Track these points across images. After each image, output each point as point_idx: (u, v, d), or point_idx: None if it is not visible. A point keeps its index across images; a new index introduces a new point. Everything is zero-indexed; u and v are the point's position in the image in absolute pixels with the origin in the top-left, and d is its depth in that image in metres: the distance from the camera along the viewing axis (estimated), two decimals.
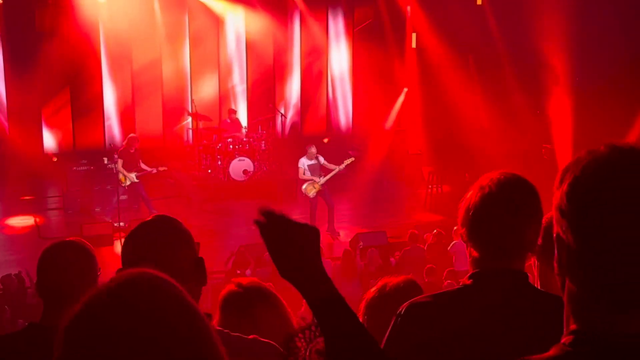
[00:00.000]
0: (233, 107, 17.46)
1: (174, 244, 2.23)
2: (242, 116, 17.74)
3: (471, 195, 2.24)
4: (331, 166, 13.62)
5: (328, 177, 13.58)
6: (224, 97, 18.25)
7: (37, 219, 14.31)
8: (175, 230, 2.27)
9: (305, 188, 13.53)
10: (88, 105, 17.01)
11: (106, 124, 17.33)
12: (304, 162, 13.52)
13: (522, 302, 2.15)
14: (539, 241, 2.23)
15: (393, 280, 3.02)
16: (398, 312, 2.19)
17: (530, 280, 2.25)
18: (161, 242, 2.22)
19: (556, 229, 1.37)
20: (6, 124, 16.60)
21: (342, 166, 13.65)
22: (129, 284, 1.25)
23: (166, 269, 2.08)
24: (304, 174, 13.54)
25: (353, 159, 13.81)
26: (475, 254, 2.23)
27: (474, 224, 2.22)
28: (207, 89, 18.09)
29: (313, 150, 13.53)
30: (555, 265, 1.39)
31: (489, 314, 2.11)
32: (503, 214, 2.18)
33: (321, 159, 13.57)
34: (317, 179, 13.45)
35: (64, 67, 16.47)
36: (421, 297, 2.26)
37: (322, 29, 18.74)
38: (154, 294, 1.24)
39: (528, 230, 2.19)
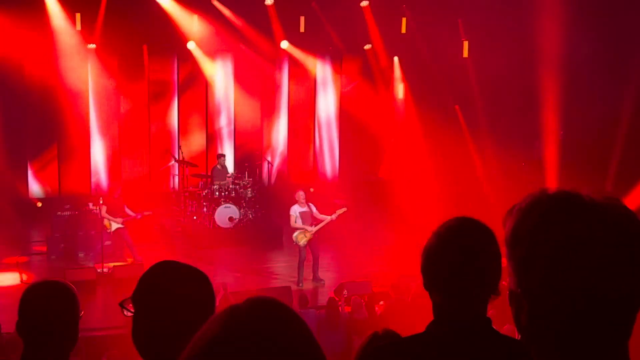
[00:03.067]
0: (221, 152, 17.49)
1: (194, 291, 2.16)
2: (229, 163, 17.77)
3: (427, 242, 2.24)
4: (323, 216, 13.59)
5: (319, 226, 13.54)
6: (211, 143, 18.30)
7: (20, 265, 14.17)
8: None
9: (297, 237, 13.48)
10: (74, 150, 17.03)
11: (92, 169, 17.33)
12: (295, 210, 13.48)
13: (482, 349, 2.11)
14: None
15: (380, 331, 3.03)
16: (362, 354, 2.19)
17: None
18: (181, 288, 2.15)
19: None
20: None
21: (334, 216, 13.63)
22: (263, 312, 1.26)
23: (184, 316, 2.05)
24: (295, 222, 13.48)
25: (345, 209, 13.79)
26: (435, 300, 2.21)
27: (428, 270, 2.22)
28: (195, 139, 18.16)
29: (301, 194, 13.50)
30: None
31: (447, 356, 2.10)
32: (454, 258, 2.16)
33: (313, 209, 13.54)
34: (308, 228, 13.41)
35: (51, 114, 16.52)
36: (385, 342, 2.26)
37: (310, 78, 18.91)
38: (287, 324, 1.27)
39: (484, 273, 2.16)
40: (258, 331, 1.21)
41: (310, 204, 13.54)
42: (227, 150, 18.23)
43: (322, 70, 19.09)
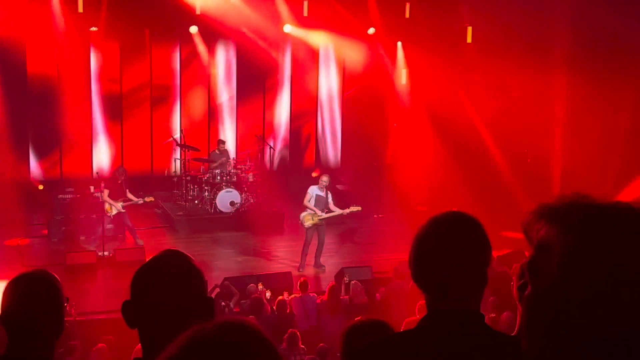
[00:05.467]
0: (222, 137, 17.47)
1: (188, 281, 2.19)
2: (231, 147, 17.77)
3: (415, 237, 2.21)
4: (335, 208, 13.58)
5: (329, 215, 13.52)
6: (213, 127, 18.28)
7: (21, 247, 14.19)
8: (189, 267, 2.23)
9: (304, 217, 13.44)
10: (76, 133, 17.01)
11: (94, 152, 17.32)
12: (313, 190, 13.44)
13: (470, 344, 2.08)
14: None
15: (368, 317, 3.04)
16: (357, 351, 2.18)
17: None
18: (175, 278, 2.18)
19: None
20: None
21: (347, 211, 13.61)
22: (229, 333, 1.25)
23: (178, 306, 2.09)
24: (309, 201, 13.45)
25: (360, 208, 13.76)
26: (425, 294, 2.19)
27: (414, 265, 2.19)
28: (196, 123, 18.13)
29: (325, 179, 13.44)
30: None
31: (440, 356, 2.07)
32: (434, 251, 2.14)
33: (329, 198, 13.51)
34: (318, 212, 13.40)
35: (53, 97, 16.50)
36: (379, 337, 2.24)
37: (312, 62, 18.85)
38: (253, 346, 1.25)
39: (466, 265, 2.13)
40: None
41: (329, 192, 13.52)
42: (229, 134, 18.21)
43: (324, 55, 19.01)
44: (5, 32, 15.67)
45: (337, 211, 13.50)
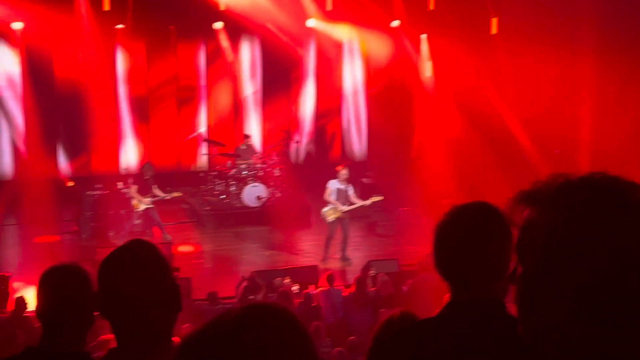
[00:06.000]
0: (247, 132, 17.53)
1: (151, 268, 2.23)
2: (257, 142, 17.83)
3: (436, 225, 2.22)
4: (357, 200, 13.59)
5: (351, 207, 13.55)
6: (238, 122, 18.34)
7: (52, 244, 14.37)
8: (152, 254, 2.27)
9: (326, 212, 13.48)
10: (104, 130, 17.15)
11: (121, 149, 17.47)
12: (333, 184, 13.48)
13: (489, 334, 2.07)
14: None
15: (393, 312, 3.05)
16: (382, 340, 2.20)
17: None
18: (140, 267, 2.22)
19: None
20: (23, 148, 16.76)
21: (368, 202, 13.63)
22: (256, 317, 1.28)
23: (142, 292, 2.14)
24: (330, 195, 13.48)
25: (382, 197, 13.77)
26: (448, 284, 2.21)
27: (436, 254, 2.21)
28: (222, 117, 18.21)
29: (344, 172, 13.48)
30: None
31: (460, 345, 2.07)
32: (455, 242, 2.16)
33: (350, 190, 13.53)
34: (340, 206, 13.41)
35: (82, 94, 16.65)
36: (402, 327, 2.26)
37: (337, 56, 18.81)
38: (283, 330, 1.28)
39: (485, 256, 2.13)
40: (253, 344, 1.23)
41: (350, 185, 13.53)
42: (255, 129, 18.26)
43: (349, 49, 18.97)
44: (32, 33, 15.86)
45: (359, 202, 13.52)
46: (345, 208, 13.44)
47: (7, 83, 16.58)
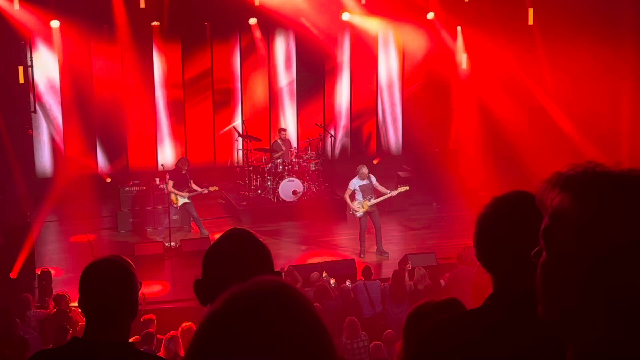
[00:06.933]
0: (283, 126, 17.57)
1: (256, 257, 2.37)
2: (292, 137, 17.88)
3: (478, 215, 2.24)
4: (383, 189, 13.56)
5: (378, 200, 13.54)
6: (274, 117, 18.39)
7: (91, 240, 14.57)
8: (256, 243, 2.39)
9: (354, 207, 13.51)
10: (141, 125, 17.32)
11: (159, 144, 17.63)
12: (354, 184, 13.48)
13: (534, 327, 2.02)
14: None
15: (435, 299, 3.04)
16: (424, 330, 2.20)
17: None
18: (243, 254, 2.35)
19: None
20: (62, 144, 17.01)
21: (395, 193, 13.60)
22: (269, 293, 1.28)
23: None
24: (349, 195, 13.49)
25: (408, 187, 13.74)
26: (490, 274, 2.21)
27: (478, 246, 2.22)
28: (258, 113, 18.27)
29: (364, 170, 13.47)
30: None
31: (500, 335, 2.08)
32: (497, 231, 2.16)
33: (373, 179, 13.51)
34: (366, 201, 13.40)
35: (119, 91, 16.84)
36: (445, 316, 2.26)
37: (371, 49, 18.76)
38: (293, 307, 1.27)
39: (530, 248, 2.13)
40: (258, 318, 1.23)
41: (371, 175, 13.51)
42: (290, 125, 18.30)
43: (384, 41, 18.90)
44: (69, 31, 16.06)
45: (386, 194, 13.50)
46: (373, 201, 13.43)
47: (46, 82, 16.81)
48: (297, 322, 1.24)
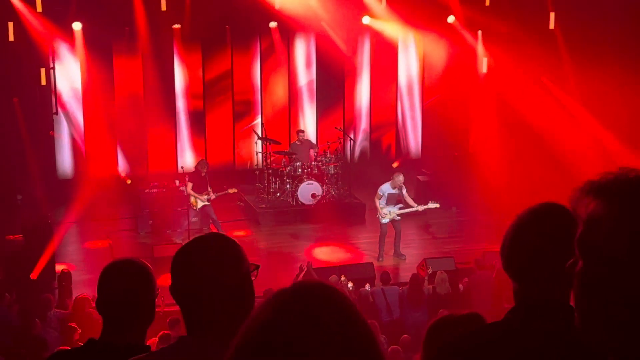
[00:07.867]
0: (302, 127, 17.57)
1: (222, 259, 2.35)
2: (312, 139, 17.88)
3: (509, 225, 2.23)
4: (411, 202, 13.56)
5: (406, 211, 13.56)
6: (294, 120, 18.40)
7: (111, 241, 14.66)
8: (223, 244, 2.38)
9: (382, 213, 13.48)
10: (161, 128, 17.40)
11: (178, 146, 17.70)
12: (384, 190, 13.48)
13: (559, 341, 2.05)
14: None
15: (455, 311, 3.03)
16: (445, 342, 2.18)
17: None
18: (211, 257, 2.32)
19: None
20: (83, 146, 17.12)
21: (422, 208, 13.61)
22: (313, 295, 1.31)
23: (215, 283, 2.19)
24: (380, 200, 13.47)
25: (438, 205, 13.70)
26: (514, 284, 2.20)
27: (505, 253, 2.21)
28: (277, 115, 18.30)
29: (400, 178, 13.47)
30: None
31: (532, 351, 2.06)
32: (529, 241, 2.15)
33: (404, 190, 13.52)
34: (395, 210, 13.42)
35: (139, 93, 16.94)
36: (470, 330, 2.25)
37: (392, 53, 18.73)
38: (336, 307, 1.31)
39: (561, 261, 2.11)
40: (306, 313, 1.25)
41: (402, 185, 13.51)
42: (310, 128, 18.29)
43: (404, 45, 18.86)
44: (91, 34, 16.15)
45: (413, 207, 13.48)
46: (400, 212, 13.43)
47: (68, 83, 16.91)
48: (350, 323, 1.31)
